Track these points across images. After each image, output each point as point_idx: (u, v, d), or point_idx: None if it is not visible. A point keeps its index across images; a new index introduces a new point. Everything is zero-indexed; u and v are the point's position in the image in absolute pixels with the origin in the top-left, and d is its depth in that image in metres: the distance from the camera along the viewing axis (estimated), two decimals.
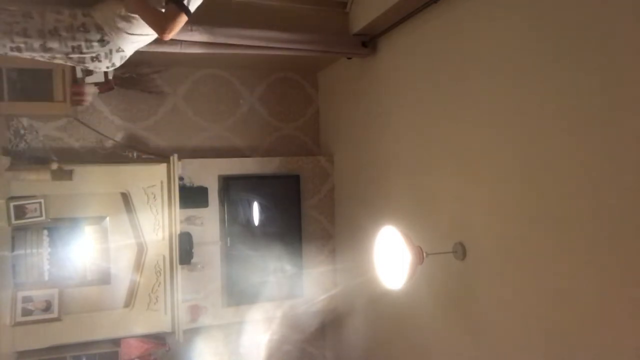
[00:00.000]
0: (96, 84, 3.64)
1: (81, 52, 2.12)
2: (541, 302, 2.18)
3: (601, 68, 1.88)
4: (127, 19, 2.12)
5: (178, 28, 2.05)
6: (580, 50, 1.96)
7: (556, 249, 2.09)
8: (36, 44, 2.06)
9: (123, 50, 2.26)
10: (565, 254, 2.05)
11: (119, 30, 2.13)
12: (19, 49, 2.07)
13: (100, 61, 2.21)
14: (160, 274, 3.75)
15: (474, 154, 2.59)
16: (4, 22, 2.02)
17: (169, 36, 2.05)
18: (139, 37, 2.25)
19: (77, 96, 3.55)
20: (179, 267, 3.77)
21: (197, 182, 4.02)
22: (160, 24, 2.01)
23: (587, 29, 1.93)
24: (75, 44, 2.09)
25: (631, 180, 1.77)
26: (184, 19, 2.03)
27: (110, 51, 2.20)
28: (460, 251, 2.62)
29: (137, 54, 3.08)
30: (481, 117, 2.53)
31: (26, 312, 3.42)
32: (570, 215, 2.02)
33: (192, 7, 2.07)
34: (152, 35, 2.25)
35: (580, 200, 1.98)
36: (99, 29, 2.09)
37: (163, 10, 2.07)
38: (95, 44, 2.12)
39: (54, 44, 2.07)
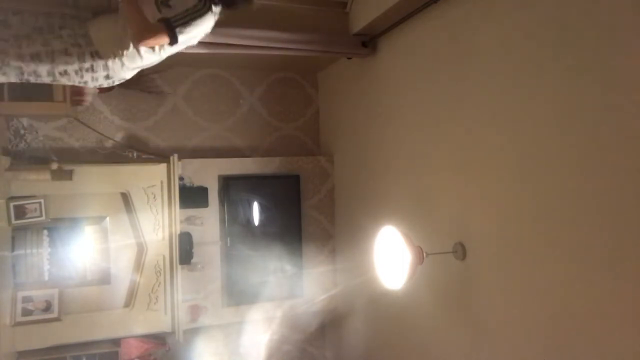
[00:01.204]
0: None
1: (86, 83, 2.19)
2: (541, 301, 2.18)
3: (601, 69, 1.88)
4: (132, 57, 2.11)
5: (154, 44, 2.02)
6: (580, 51, 1.96)
7: (556, 249, 2.09)
8: (46, 79, 2.13)
9: (125, 79, 2.29)
10: (565, 254, 2.05)
11: (125, 66, 2.16)
12: (28, 81, 2.13)
13: (102, 85, 2.26)
14: (160, 274, 3.75)
15: (474, 153, 2.59)
16: (15, 67, 2.04)
17: (141, 46, 2.02)
18: (141, 67, 2.27)
19: (77, 96, 3.55)
20: (179, 267, 3.77)
21: (197, 182, 4.02)
22: (141, 32, 1.94)
23: (587, 29, 1.93)
24: (83, 80, 2.16)
25: (632, 181, 1.77)
26: (164, 39, 1.97)
27: (113, 81, 2.25)
28: (460, 251, 2.62)
29: None
30: (481, 117, 2.53)
31: (26, 312, 3.42)
32: (570, 215, 2.02)
33: (180, 38, 1.99)
34: (153, 62, 2.25)
35: (580, 200, 1.98)
36: (106, 68, 2.12)
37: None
38: (101, 79, 2.17)
39: (63, 80, 2.14)
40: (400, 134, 3.32)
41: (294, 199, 4.31)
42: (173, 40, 1.98)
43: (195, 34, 2.05)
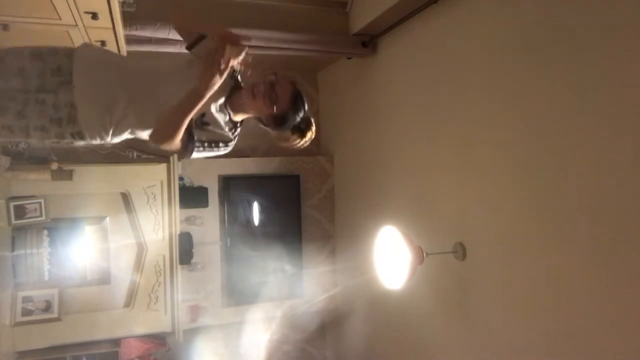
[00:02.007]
0: None
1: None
2: (541, 302, 2.17)
3: (602, 69, 1.87)
4: (120, 137, 1.79)
5: (163, 146, 1.67)
6: (580, 51, 1.96)
7: (556, 249, 2.09)
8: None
9: None
10: (565, 254, 2.05)
11: (108, 142, 1.82)
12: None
13: None
14: (160, 274, 3.75)
15: (474, 153, 2.59)
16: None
17: (157, 144, 1.67)
18: None
19: None
20: (179, 267, 3.77)
21: (197, 182, 4.02)
22: (169, 136, 1.59)
23: (588, 30, 1.93)
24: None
25: (631, 179, 1.77)
26: (177, 150, 1.69)
27: None
28: (460, 251, 2.62)
29: (137, 54, 3.08)
30: (481, 116, 2.53)
31: (26, 312, 3.42)
32: (570, 216, 2.02)
33: (195, 154, 1.73)
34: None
35: (580, 200, 1.97)
36: (88, 143, 1.77)
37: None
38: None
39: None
40: (400, 134, 3.32)
41: (294, 199, 4.31)
42: (184, 157, 1.73)
43: (207, 155, 1.80)
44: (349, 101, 4.10)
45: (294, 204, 4.31)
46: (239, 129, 1.89)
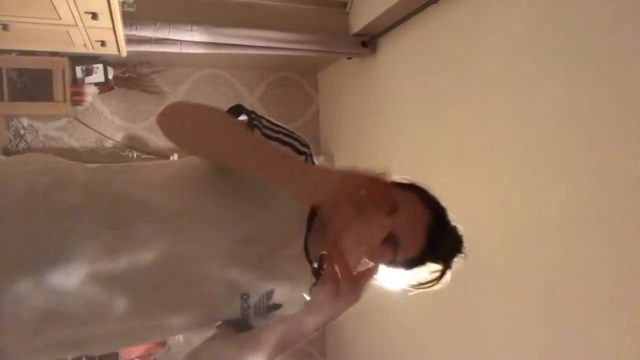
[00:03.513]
0: (96, 84, 3.65)
1: None
2: (542, 302, 2.17)
3: (603, 68, 1.87)
4: None
5: None
6: (581, 51, 1.96)
7: (557, 249, 2.09)
8: None
9: None
10: (566, 254, 2.05)
11: None
12: None
13: None
14: None
15: (474, 153, 2.59)
16: None
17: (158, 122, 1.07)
18: None
19: (77, 96, 3.55)
20: None
21: None
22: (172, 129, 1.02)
23: (588, 29, 1.93)
24: None
25: (633, 179, 1.77)
26: None
27: None
28: None
29: (137, 54, 3.09)
30: (481, 117, 2.53)
31: None
32: (571, 215, 2.02)
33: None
34: None
35: (580, 200, 1.97)
36: None
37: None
38: None
39: None
40: (400, 134, 3.32)
41: None
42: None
43: None
44: (349, 101, 4.10)
45: None
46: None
